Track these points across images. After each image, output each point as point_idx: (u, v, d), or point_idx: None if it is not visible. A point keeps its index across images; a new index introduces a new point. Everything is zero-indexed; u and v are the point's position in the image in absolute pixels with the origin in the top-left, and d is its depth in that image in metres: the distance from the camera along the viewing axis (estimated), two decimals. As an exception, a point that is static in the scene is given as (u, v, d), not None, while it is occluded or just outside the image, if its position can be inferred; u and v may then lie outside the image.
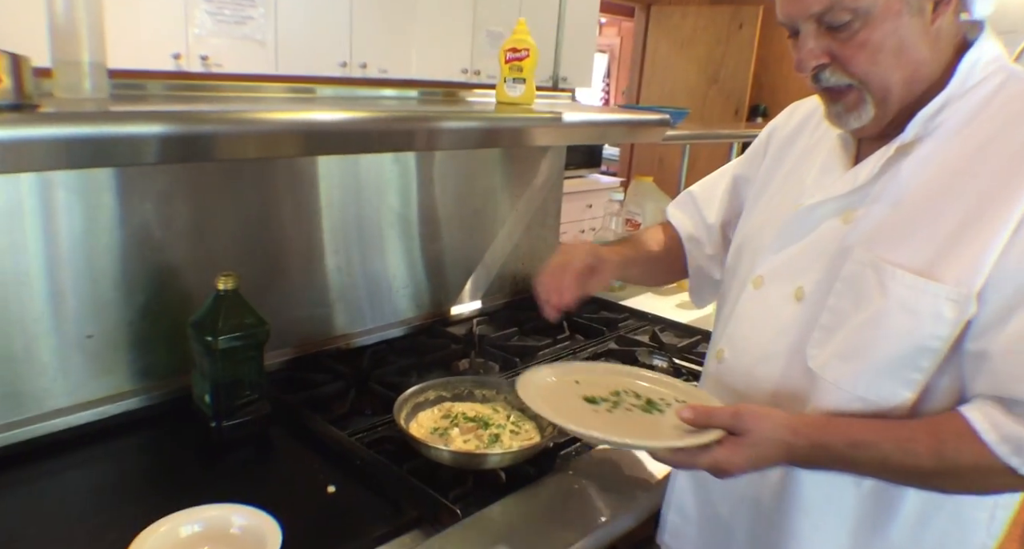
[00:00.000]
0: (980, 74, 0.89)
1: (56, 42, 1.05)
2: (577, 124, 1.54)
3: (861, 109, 0.91)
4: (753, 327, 1.04)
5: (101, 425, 1.30)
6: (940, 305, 0.84)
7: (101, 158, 0.95)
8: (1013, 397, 0.82)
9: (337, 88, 1.55)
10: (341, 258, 1.68)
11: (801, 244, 1.00)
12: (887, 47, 0.86)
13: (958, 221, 0.85)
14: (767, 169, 1.17)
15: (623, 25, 8.00)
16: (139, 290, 1.35)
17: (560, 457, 1.30)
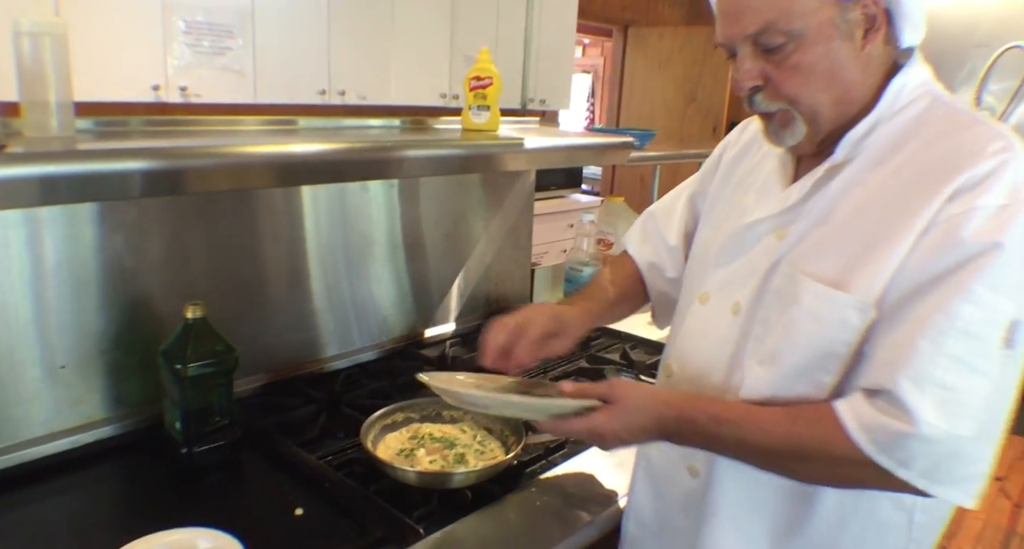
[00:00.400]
0: (907, 98, 0.94)
1: (24, 83, 1.09)
2: (540, 149, 1.59)
3: (793, 126, 0.95)
4: (697, 341, 1.08)
5: (74, 454, 1.33)
6: (845, 313, 0.89)
7: (69, 195, 0.99)
8: (878, 386, 0.85)
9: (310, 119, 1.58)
10: (315, 284, 1.72)
11: (740, 260, 1.04)
12: (818, 69, 0.90)
13: (869, 235, 0.89)
14: (718, 185, 1.21)
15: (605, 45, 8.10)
16: (112, 320, 1.38)
17: (524, 475, 1.33)
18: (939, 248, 0.84)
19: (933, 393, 0.82)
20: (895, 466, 0.84)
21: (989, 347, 0.83)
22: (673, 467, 1.11)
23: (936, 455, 0.83)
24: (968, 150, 0.87)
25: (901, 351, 0.85)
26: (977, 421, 0.83)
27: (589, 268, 2.27)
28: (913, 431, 0.82)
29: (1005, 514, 3.17)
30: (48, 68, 1.09)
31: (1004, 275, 0.82)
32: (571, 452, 1.42)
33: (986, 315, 0.82)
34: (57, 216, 1.30)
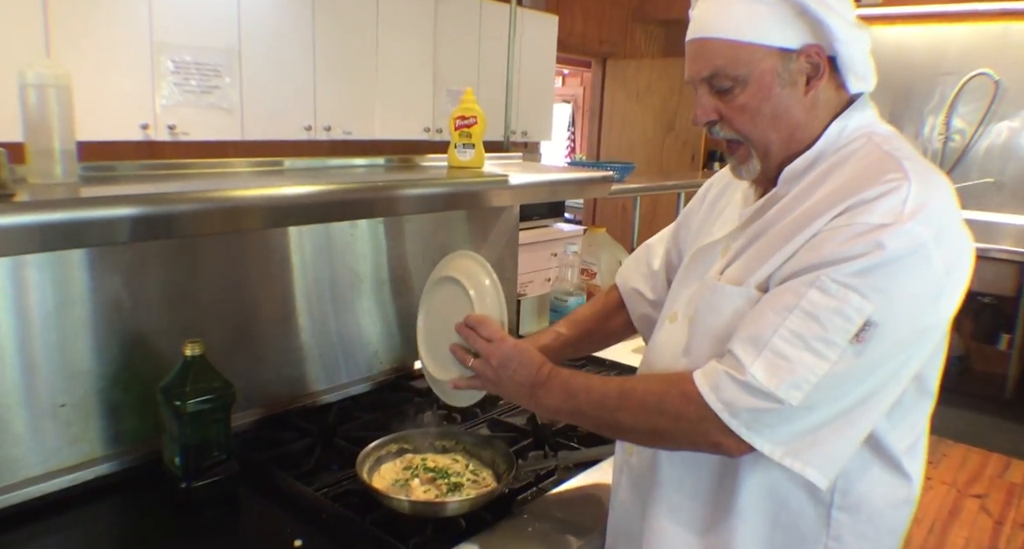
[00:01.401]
0: (847, 138, 1.02)
1: (29, 131, 1.13)
2: (524, 185, 1.65)
3: (749, 163, 1.06)
4: (658, 356, 1.17)
5: (74, 491, 1.35)
6: (735, 302, 1.00)
7: (74, 240, 1.04)
8: (727, 349, 0.96)
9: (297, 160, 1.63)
10: (306, 320, 1.76)
11: (695, 280, 1.14)
12: (763, 112, 1.01)
13: (775, 246, 0.99)
14: (701, 218, 1.29)
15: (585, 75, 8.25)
16: (110, 359, 1.41)
17: (516, 502, 1.37)
18: (811, 249, 0.94)
19: (766, 357, 0.92)
20: (722, 409, 0.94)
21: (833, 335, 0.90)
22: (647, 475, 1.15)
23: (758, 408, 0.92)
24: (865, 178, 0.94)
25: (751, 319, 0.96)
26: (803, 393, 0.90)
27: (574, 298, 2.32)
28: (741, 377, 0.92)
29: (987, 532, 3.22)
30: (53, 118, 1.14)
31: (860, 274, 0.89)
32: (560, 479, 1.46)
33: (834, 304, 0.90)
34: (56, 258, 1.33)
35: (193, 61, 2.95)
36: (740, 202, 1.16)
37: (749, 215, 1.07)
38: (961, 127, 5.02)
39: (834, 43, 0.98)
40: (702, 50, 1.02)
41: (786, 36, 0.98)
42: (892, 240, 0.88)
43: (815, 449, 0.93)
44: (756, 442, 0.93)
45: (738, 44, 0.98)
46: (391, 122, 3.74)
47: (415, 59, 3.80)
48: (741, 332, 0.96)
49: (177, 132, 2.92)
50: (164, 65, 2.88)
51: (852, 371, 0.91)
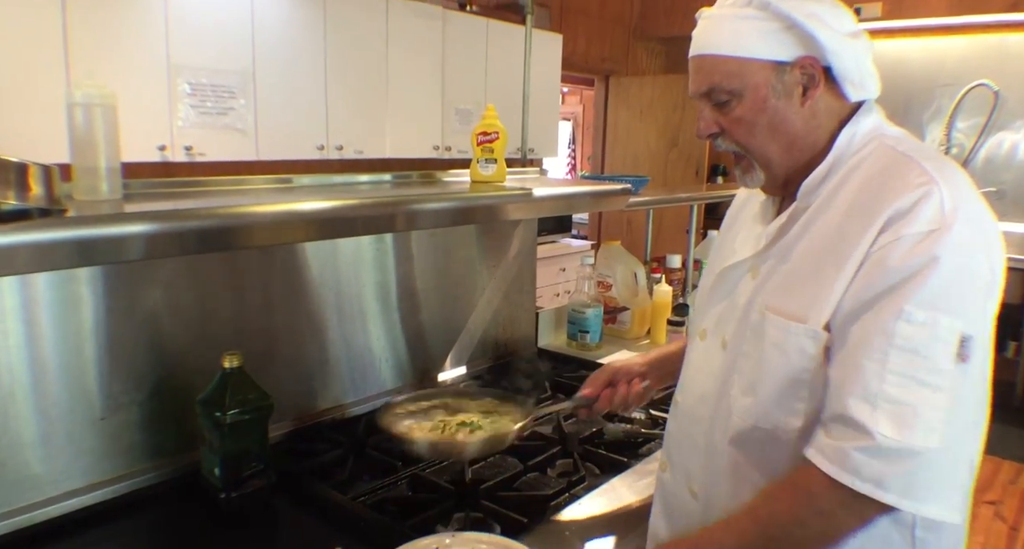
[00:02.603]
0: (859, 144, 1.04)
1: (76, 150, 1.17)
2: (546, 198, 1.68)
3: (753, 173, 1.09)
4: (695, 374, 1.20)
5: (115, 503, 1.37)
6: (801, 342, 0.98)
7: (123, 254, 1.07)
8: (833, 414, 0.93)
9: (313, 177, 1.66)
10: (332, 334, 1.78)
11: (727, 300, 1.15)
12: (760, 123, 1.04)
13: (818, 270, 0.99)
14: (722, 234, 1.33)
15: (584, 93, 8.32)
16: (148, 372, 1.44)
17: (550, 508, 1.39)
18: (871, 275, 0.93)
19: (885, 408, 0.88)
20: (872, 489, 0.88)
21: (937, 363, 0.88)
22: (679, 490, 1.21)
23: (905, 471, 0.87)
24: (895, 185, 0.95)
25: (848, 374, 0.92)
26: (939, 433, 0.87)
27: (591, 309, 2.35)
28: (872, 443, 0.88)
29: (1002, 537, 3.23)
30: (99, 136, 1.17)
31: (938, 293, 0.89)
32: (591, 485, 1.48)
33: (926, 332, 0.89)
34: (97, 274, 1.36)
35: (209, 83, 3.00)
36: (759, 216, 1.17)
37: (774, 233, 1.08)
38: (961, 138, 5.07)
39: (826, 54, 1.00)
40: (701, 66, 1.06)
41: (778, 50, 1.00)
42: (945, 248, 0.89)
43: (943, 482, 0.90)
44: (926, 510, 0.89)
45: (732, 59, 1.02)
46: (401, 141, 3.78)
47: (424, 79, 3.85)
48: (843, 394, 0.91)
49: (194, 153, 2.97)
50: (181, 87, 2.93)
51: (965, 391, 0.90)
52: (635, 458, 1.60)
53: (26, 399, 1.30)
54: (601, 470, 1.56)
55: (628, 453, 1.62)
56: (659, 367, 1.46)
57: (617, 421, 1.80)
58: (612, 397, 1.41)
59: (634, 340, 2.52)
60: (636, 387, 1.42)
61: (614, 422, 1.79)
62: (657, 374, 1.45)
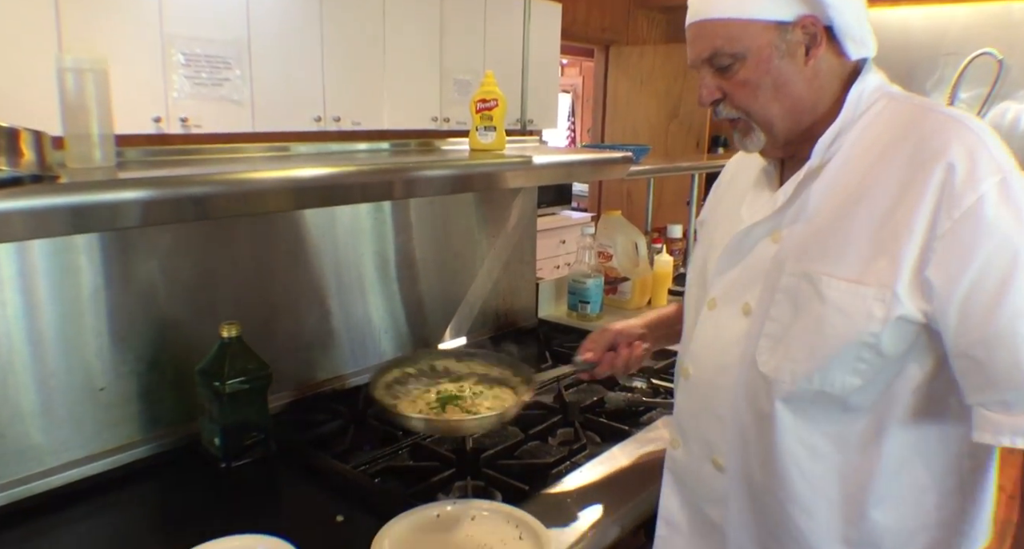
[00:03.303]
0: (867, 102, 1.04)
1: (68, 116, 1.14)
2: (546, 166, 1.66)
3: (752, 135, 1.07)
4: (710, 344, 1.16)
5: (116, 473, 1.37)
6: (870, 305, 0.96)
7: (118, 221, 1.05)
8: (1009, 397, 0.92)
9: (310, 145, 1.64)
10: (331, 304, 1.77)
11: (742, 265, 1.12)
12: (763, 85, 1.02)
13: (871, 232, 0.97)
14: (712, 207, 1.31)
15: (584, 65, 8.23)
16: (147, 343, 1.43)
17: (551, 475, 1.39)
18: (957, 234, 0.91)
19: None
20: None
21: None
22: (698, 465, 1.18)
23: None
24: (933, 144, 0.95)
25: (1006, 348, 0.91)
26: None
27: (591, 280, 2.34)
28: None
29: (1000, 505, 3.25)
30: (91, 102, 1.15)
31: None
32: (592, 453, 1.48)
33: None
34: (95, 244, 1.35)
35: (203, 54, 2.95)
36: (763, 179, 1.15)
37: (790, 194, 1.06)
38: (964, 108, 5.02)
39: (828, 11, 0.99)
40: (700, 32, 1.04)
41: (780, 9, 0.99)
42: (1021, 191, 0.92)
43: None
44: None
45: (733, 22, 1.00)
46: (399, 112, 3.74)
47: (422, 49, 3.80)
48: (1014, 371, 0.91)
49: (189, 125, 2.93)
50: (175, 58, 2.88)
51: None
52: (636, 427, 1.60)
53: (25, 370, 1.30)
54: (602, 438, 1.56)
55: (629, 422, 1.62)
56: (656, 329, 1.45)
57: (618, 390, 1.80)
58: (614, 361, 1.40)
59: (635, 310, 2.50)
60: (638, 350, 1.41)
61: (615, 391, 1.79)
62: (655, 336, 1.44)
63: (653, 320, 1.47)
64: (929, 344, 0.99)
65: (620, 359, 1.40)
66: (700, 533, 1.21)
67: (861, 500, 1.04)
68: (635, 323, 1.45)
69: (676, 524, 1.24)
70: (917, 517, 1.05)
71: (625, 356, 1.40)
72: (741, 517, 1.13)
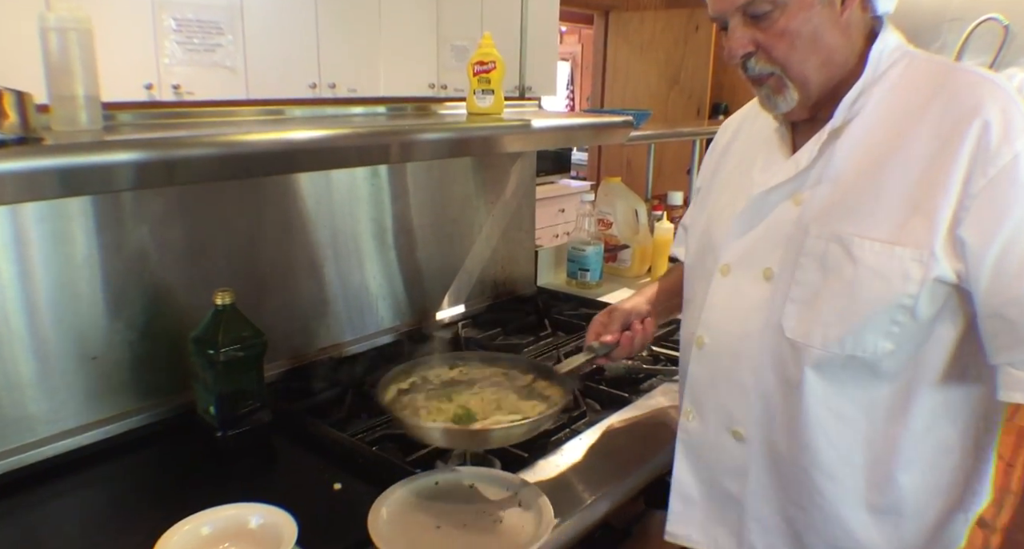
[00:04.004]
0: (887, 61, 1.01)
1: (52, 78, 1.11)
2: (545, 129, 1.63)
3: (785, 92, 1.02)
4: (728, 311, 1.12)
5: (110, 443, 1.36)
6: (907, 266, 0.93)
7: (106, 184, 1.03)
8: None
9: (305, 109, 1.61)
10: (327, 271, 1.75)
11: (759, 229, 1.09)
12: (803, 34, 0.98)
13: (904, 191, 0.95)
14: (712, 172, 1.28)
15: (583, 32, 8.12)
16: (139, 311, 1.41)
17: (550, 443, 1.37)
18: (992, 190, 0.90)
19: None
20: None
21: None
22: (716, 435, 1.15)
23: None
24: (966, 102, 0.93)
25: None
26: None
27: (591, 247, 2.31)
28: None
29: (998, 473, 3.26)
30: (76, 63, 1.12)
31: None
32: (592, 420, 1.47)
33: None
34: (88, 210, 1.32)
35: (195, 18, 2.87)
36: (777, 141, 1.11)
37: (815, 154, 1.03)
38: (970, 73, 4.96)
39: None
40: None
41: None
42: None
43: None
44: None
45: None
46: (396, 79, 3.66)
47: (418, 14, 3.72)
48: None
49: (181, 91, 2.87)
50: (166, 23, 2.82)
51: None
52: (636, 394, 1.59)
53: (18, 339, 1.28)
54: (602, 406, 1.55)
55: (629, 389, 1.61)
56: (659, 304, 1.41)
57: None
58: (632, 340, 1.34)
59: (634, 278, 2.49)
60: (649, 327, 1.37)
61: (615, 358, 1.77)
62: (658, 311, 1.41)
63: (654, 295, 1.43)
64: (959, 305, 0.97)
65: (638, 338, 1.35)
66: (717, 506, 1.18)
67: (888, 464, 1.03)
68: (640, 299, 1.42)
69: (691, 498, 1.21)
70: (940, 478, 1.05)
71: (642, 334, 1.36)
72: (762, 487, 1.12)
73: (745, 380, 1.09)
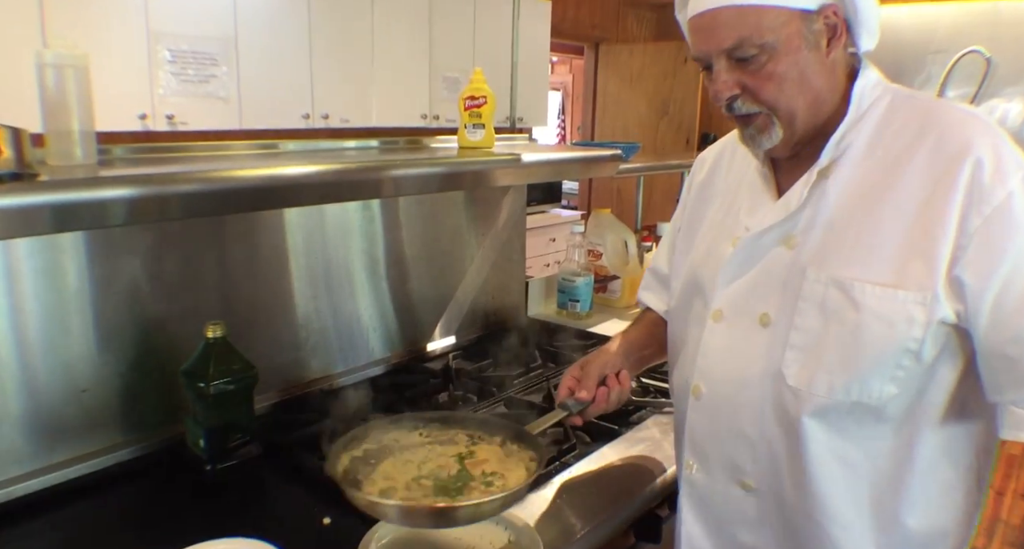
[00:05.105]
0: (870, 98, 1.01)
1: (48, 113, 1.12)
2: (535, 163, 1.65)
3: (771, 131, 1.01)
4: (725, 358, 1.09)
5: (99, 476, 1.35)
6: (911, 310, 0.92)
7: (100, 220, 1.03)
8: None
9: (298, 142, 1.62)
10: (318, 303, 1.75)
11: (752, 274, 1.07)
12: (790, 77, 0.97)
13: (900, 232, 0.94)
14: (691, 211, 1.26)
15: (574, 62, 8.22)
16: (130, 343, 1.41)
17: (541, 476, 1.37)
18: (987, 234, 0.90)
19: None
20: None
21: None
22: (723, 487, 1.12)
23: None
24: (956, 140, 0.94)
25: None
26: None
27: (581, 278, 2.33)
28: None
29: (989, 501, 3.26)
30: (72, 98, 1.13)
31: None
32: (582, 453, 1.47)
33: None
34: (79, 243, 1.33)
35: (190, 50, 2.93)
36: (761, 183, 1.10)
37: (805, 197, 1.01)
38: (953, 106, 5.02)
39: (849, 1, 0.97)
40: (719, 21, 0.97)
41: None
42: None
43: None
44: None
45: (761, 9, 0.94)
46: (388, 109, 3.72)
47: (411, 46, 3.78)
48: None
49: (175, 121, 2.91)
50: (161, 54, 2.86)
51: None
52: (626, 426, 1.59)
53: (6, 371, 1.27)
54: (592, 438, 1.55)
55: (619, 421, 1.61)
56: (629, 356, 1.34)
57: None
58: (608, 396, 1.27)
59: (625, 308, 2.50)
60: (626, 381, 1.30)
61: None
62: (629, 364, 1.34)
63: (624, 347, 1.36)
64: (959, 345, 0.97)
65: (614, 393, 1.28)
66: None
67: (893, 506, 1.02)
68: (612, 352, 1.34)
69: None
70: (946, 517, 1.04)
71: (618, 389, 1.29)
72: (775, 538, 1.09)
73: (747, 430, 1.07)
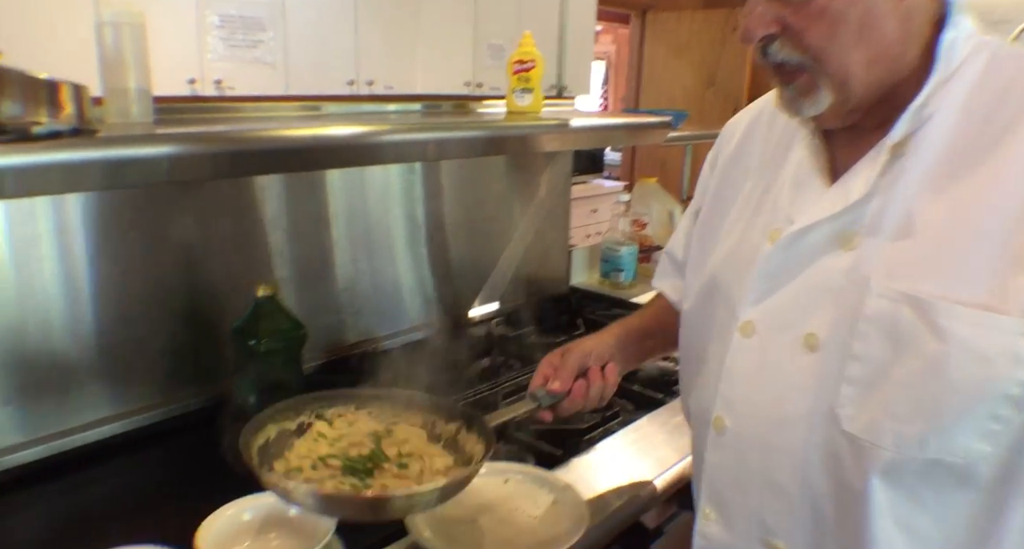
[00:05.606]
0: (961, 54, 0.77)
1: (106, 71, 1.14)
2: (583, 129, 1.63)
3: (816, 95, 0.78)
4: (756, 386, 0.86)
5: (149, 430, 1.39)
6: (1015, 343, 0.69)
7: (153, 175, 1.05)
8: None
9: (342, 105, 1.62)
10: (361, 266, 1.77)
11: (797, 281, 0.83)
12: (849, 18, 0.73)
13: (1003, 237, 0.71)
14: (715, 192, 1.03)
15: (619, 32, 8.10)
16: (183, 301, 1.44)
17: (584, 441, 1.38)
18: None
19: None
20: None
21: None
22: (745, 546, 0.91)
23: None
24: None
25: None
26: None
27: (625, 247, 2.31)
28: None
29: None
30: (128, 56, 1.15)
31: None
32: (625, 420, 1.47)
33: None
34: (129, 201, 1.35)
35: (238, 15, 2.92)
36: (810, 159, 0.86)
37: (872, 181, 0.78)
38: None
39: None
40: None
41: None
42: None
43: None
44: None
45: None
46: (432, 76, 3.68)
47: (456, 13, 3.74)
48: None
49: (223, 86, 2.92)
50: (209, 19, 2.87)
51: None
52: (669, 396, 1.58)
53: (63, 326, 1.31)
54: (635, 406, 1.55)
55: (663, 390, 1.60)
56: (629, 346, 1.16)
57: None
58: (587, 391, 1.07)
59: (668, 280, 2.47)
60: (611, 376, 1.10)
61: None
62: (626, 355, 1.15)
63: (620, 336, 1.16)
64: None
65: (594, 388, 1.08)
66: None
67: None
68: (604, 339, 1.15)
69: None
70: None
71: (600, 383, 1.08)
72: None
73: (785, 482, 0.84)
